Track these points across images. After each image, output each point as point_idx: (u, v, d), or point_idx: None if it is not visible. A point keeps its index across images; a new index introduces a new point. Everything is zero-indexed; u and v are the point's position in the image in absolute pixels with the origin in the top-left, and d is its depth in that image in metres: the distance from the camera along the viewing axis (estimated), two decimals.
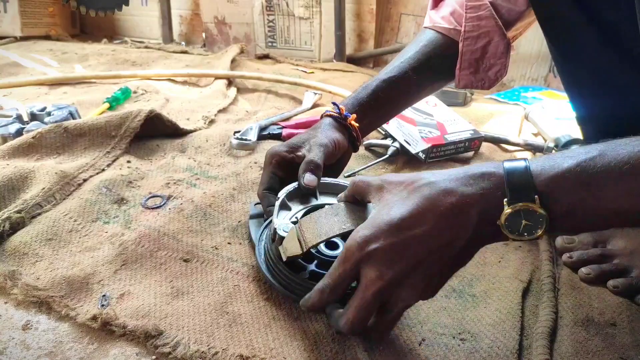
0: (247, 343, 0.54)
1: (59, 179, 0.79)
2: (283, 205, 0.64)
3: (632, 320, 0.61)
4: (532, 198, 0.41)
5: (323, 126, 0.74)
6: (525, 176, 0.42)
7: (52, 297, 0.58)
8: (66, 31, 2.29)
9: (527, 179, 0.42)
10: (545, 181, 0.41)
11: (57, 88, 1.42)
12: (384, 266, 0.45)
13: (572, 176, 0.41)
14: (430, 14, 0.85)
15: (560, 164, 0.41)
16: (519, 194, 0.41)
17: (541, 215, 0.41)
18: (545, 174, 0.42)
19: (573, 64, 0.72)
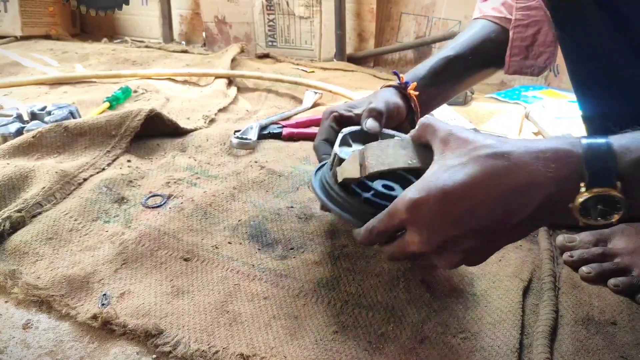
0: (248, 342, 0.54)
1: (59, 178, 0.79)
2: (344, 142, 0.61)
3: (632, 319, 0.61)
4: (613, 183, 0.37)
5: (383, 92, 0.74)
6: (607, 158, 0.37)
7: (52, 296, 0.58)
8: (66, 31, 2.29)
9: (610, 162, 0.37)
10: (630, 164, 0.37)
11: (57, 87, 1.42)
12: (427, 234, 0.44)
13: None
14: (480, 5, 0.88)
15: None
16: (598, 179, 0.37)
17: (621, 200, 0.37)
18: (630, 156, 0.37)
19: (584, 55, 0.72)
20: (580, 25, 0.70)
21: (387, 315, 0.58)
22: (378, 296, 0.61)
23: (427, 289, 0.63)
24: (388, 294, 0.62)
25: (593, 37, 0.69)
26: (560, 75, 1.77)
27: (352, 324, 0.57)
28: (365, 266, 0.66)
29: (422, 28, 2.01)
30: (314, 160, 0.98)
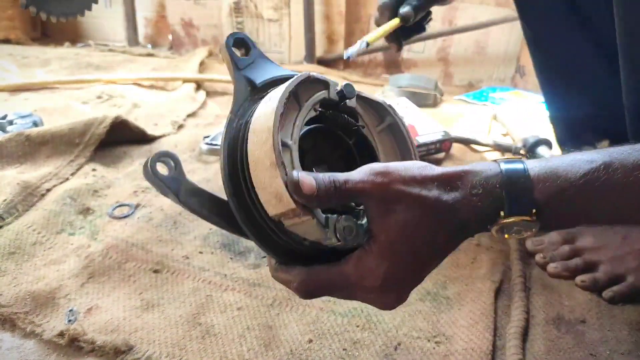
0: (221, 355, 0.53)
1: (21, 190, 0.77)
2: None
3: (600, 317, 0.62)
4: (529, 212, 0.40)
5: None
6: (524, 189, 0.40)
7: (16, 314, 0.56)
8: (27, 35, 2.21)
9: (527, 191, 0.40)
10: (545, 194, 0.39)
11: (17, 94, 1.38)
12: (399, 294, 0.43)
13: (573, 190, 0.39)
14: None
15: (562, 174, 0.39)
16: (516, 207, 0.40)
17: (535, 224, 0.40)
18: (545, 186, 0.39)
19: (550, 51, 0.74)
20: (546, 21, 0.71)
21: (362, 322, 0.58)
22: (352, 303, 0.61)
23: None
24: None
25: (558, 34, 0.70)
26: (526, 76, 1.81)
27: (327, 332, 0.56)
28: None
29: None
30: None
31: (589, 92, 0.74)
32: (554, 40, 0.73)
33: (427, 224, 0.41)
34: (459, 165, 0.43)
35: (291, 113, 0.44)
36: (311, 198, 0.39)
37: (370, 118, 0.49)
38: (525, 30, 0.77)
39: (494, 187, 0.40)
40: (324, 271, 0.43)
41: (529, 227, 0.41)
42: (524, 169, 0.40)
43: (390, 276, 0.41)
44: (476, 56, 1.90)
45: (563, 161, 0.40)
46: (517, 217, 0.40)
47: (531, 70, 1.78)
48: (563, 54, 0.73)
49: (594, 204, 0.40)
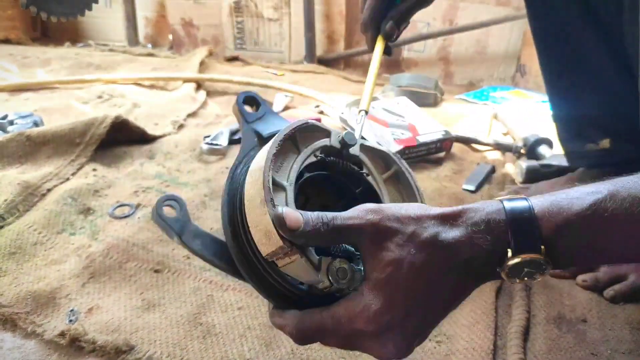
0: (222, 354, 0.53)
1: (21, 190, 0.77)
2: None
3: (601, 316, 0.62)
4: (538, 249, 0.38)
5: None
6: (530, 224, 0.38)
7: (17, 314, 0.56)
8: (27, 35, 2.22)
9: (533, 228, 0.38)
10: (552, 228, 0.38)
11: (18, 94, 1.38)
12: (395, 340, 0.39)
13: (582, 222, 0.37)
14: None
15: (567, 207, 0.38)
16: (524, 245, 0.38)
17: (546, 263, 0.38)
18: (552, 220, 0.38)
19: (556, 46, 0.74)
20: (553, 16, 0.71)
21: None
22: None
23: None
24: None
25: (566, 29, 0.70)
26: (527, 75, 1.81)
27: None
28: None
29: None
30: None
31: (594, 90, 0.74)
32: (560, 36, 0.73)
33: (424, 263, 0.38)
34: (459, 164, 0.42)
35: (289, 157, 0.44)
36: (298, 234, 0.38)
37: (375, 166, 0.49)
38: (532, 25, 0.77)
39: (498, 224, 0.38)
40: (316, 314, 0.41)
41: (540, 268, 0.38)
42: (528, 205, 0.39)
43: (384, 319, 0.38)
44: (477, 55, 1.90)
45: (567, 194, 0.39)
46: (525, 255, 0.38)
47: (532, 69, 1.78)
48: (569, 50, 0.73)
49: (605, 235, 0.38)
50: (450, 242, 0.38)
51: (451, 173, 1.02)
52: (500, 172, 1.04)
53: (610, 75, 0.70)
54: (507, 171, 1.04)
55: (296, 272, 0.40)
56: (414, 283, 0.38)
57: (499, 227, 0.38)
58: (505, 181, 0.99)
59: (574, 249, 0.38)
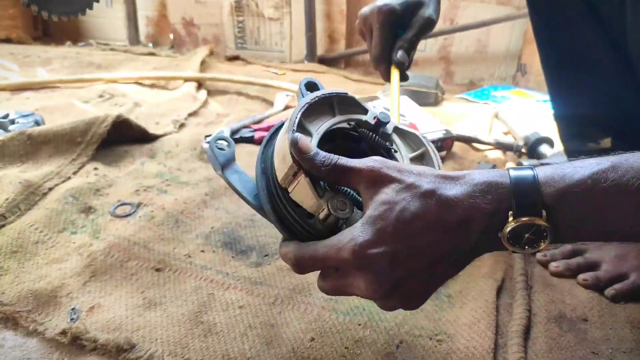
0: (223, 353, 0.53)
1: (23, 189, 0.77)
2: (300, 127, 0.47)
3: (602, 315, 0.62)
4: (539, 212, 0.38)
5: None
6: (532, 188, 0.39)
7: (18, 312, 0.56)
8: (28, 34, 2.22)
9: (535, 192, 0.39)
10: (554, 194, 0.38)
11: (19, 93, 1.38)
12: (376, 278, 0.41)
13: (583, 189, 0.38)
14: None
15: (570, 175, 0.38)
16: (525, 208, 0.38)
17: (546, 229, 0.39)
18: (554, 186, 0.38)
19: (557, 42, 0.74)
20: (554, 14, 0.71)
21: (364, 320, 0.58)
22: (354, 301, 0.61)
23: None
24: (364, 299, 0.61)
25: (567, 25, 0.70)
26: (527, 75, 1.81)
27: (329, 330, 0.56)
28: None
29: None
30: None
31: (595, 89, 0.74)
32: (562, 34, 0.73)
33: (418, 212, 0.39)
34: (460, 163, 0.42)
35: (324, 117, 0.49)
36: (306, 157, 0.42)
37: (404, 146, 0.52)
38: (534, 23, 0.77)
39: (500, 186, 0.39)
40: (312, 244, 0.44)
41: (541, 235, 0.39)
42: (532, 174, 0.39)
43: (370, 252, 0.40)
44: (477, 55, 1.90)
45: (572, 164, 0.39)
46: (526, 218, 0.38)
47: (533, 68, 1.78)
48: (571, 48, 0.73)
49: (604, 206, 0.38)
50: (448, 197, 0.39)
51: None
52: None
53: (612, 74, 0.70)
54: None
55: (301, 196, 0.44)
56: (405, 228, 0.40)
57: (501, 188, 0.39)
58: None
59: (574, 217, 0.39)
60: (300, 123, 0.45)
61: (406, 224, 0.40)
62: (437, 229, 0.40)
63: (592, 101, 0.75)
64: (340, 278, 0.44)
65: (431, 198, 0.40)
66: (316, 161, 0.42)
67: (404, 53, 0.72)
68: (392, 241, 0.40)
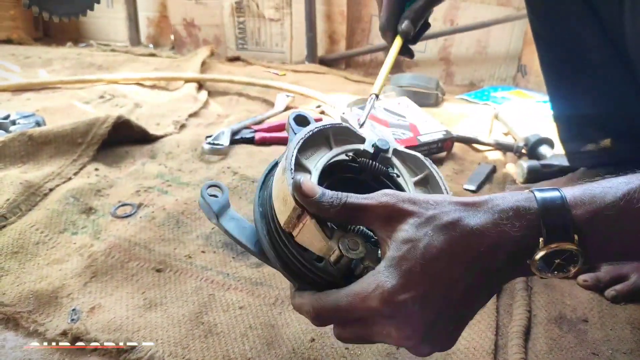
0: (224, 353, 0.53)
1: (24, 189, 0.77)
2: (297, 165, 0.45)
3: (602, 315, 0.62)
4: (570, 238, 0.36)
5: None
6: (562, 213, 0.36)
7: (19, 313, 0.56)
8: (29, 35, 2.22)
9: (565, 216, 0.36)
10: (585, 217, 0.36)
11: (20, 94, 1.38)
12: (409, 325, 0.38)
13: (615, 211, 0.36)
14: None
15: (600, 196, 0.36)
16: (556, 235, 0.36)
17: (577, 253, 0.36)
18: (585, 209, 0.36)
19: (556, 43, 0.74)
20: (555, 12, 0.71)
21: None
22: None
23: None
24: None
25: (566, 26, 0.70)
26: (527, 75, 1.81)
27: (329, 331, 0.56)
28: None
29: None
30: None
31: (595, 89, 0.74)
32: (561, 35, 0.73)
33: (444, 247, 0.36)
34: (460, 164, 0.41)
35: (321, 150, 0.46)
36: (313, 202, 0.39)
37: (406, 170, 0.50)
38: (533, 24, 0.77)
39: (528, 211, 0.37)
40: (332, 293, 0.40)
41: (572, 260, 0.37)
42: (560, 194, 0.37)
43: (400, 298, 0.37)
44: (477, 55, 1.90)
45: (600, 184, 0.37)
46: (557, 244, 0.36)
47: (532, 69, 1.78)
48: (570, 49, 0.73)
49: (636, 226, 0.36)
50: (474, 228, 0.37)
51: (452, 173, 1.02)
52: (501, 172, 1.04)
53: (611, 75, 0.70)
54: (508, 171, 1.04)
55: (308, 239, 0.41)
56: (432, 265, 0.37)
57: (529, 214, 0.37)
58: (506, 181, 0.99)
59: (607, 239, 0.37)
60: (297, 161, 0.42)
61: (433, 261, 0.37)
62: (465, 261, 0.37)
63: (592, 102, 0.76)
64: (365, 327, 0.40)
65: (455, 230, 0.37)
66: (323, 203, 0.39)
67: (410, 23, 0.70)
68: (422, 282, 0.37)
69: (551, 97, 0.81)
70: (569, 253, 0.36)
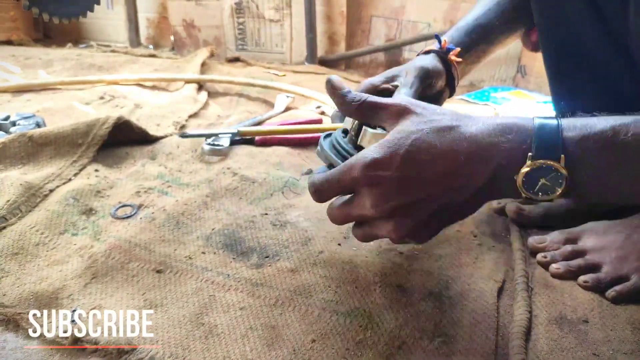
0: (224, 354, 0.53)
1: (24, 191, 0.77)
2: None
3: (603, 316, 0.62)
4: (557, 156, 0.38)
5: (422, 58, 0.73)
6: (554, 132, 0.38)
7: (19, 314, 0.56)
8: (29, 36, 2.22)
9: (556, 135, 0.38)
10: (574, 140, 0.38)
11: (20, 95, 1.38)
12: (380, 197, 0.42)
13: (603, 139, 0.37)
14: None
15: (592, 124, 0.38)
16: (544, 151, 0.38)
17: (562, 175, 0.38)
18: (576, 132, 0.38)
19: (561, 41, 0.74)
20: (559, 11, 0.71)
21: (365, 321, 0.58)
22: (355, 302, 0.61)
23: (403, 294, 0.63)
24: (365, 300, 0.61)
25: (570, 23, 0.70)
26: (527, 76, 1.81)
27: (330, 332, 0.56)
28: (341, 272, 0.66)
29: (392, 31, 2.03)
30: (287, 166, 0.97)
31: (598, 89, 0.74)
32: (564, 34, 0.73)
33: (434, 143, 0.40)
34: None
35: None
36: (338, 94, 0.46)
37: None
38: (537, 16, 0.77)
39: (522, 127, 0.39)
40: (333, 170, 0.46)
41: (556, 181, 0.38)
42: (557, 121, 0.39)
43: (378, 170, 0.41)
44: None
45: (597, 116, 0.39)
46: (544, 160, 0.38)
47: (533, 70, 1.78)
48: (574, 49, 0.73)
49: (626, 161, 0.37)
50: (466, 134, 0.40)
51: None
52: None
53: (615, 74, 0.70)
54: None
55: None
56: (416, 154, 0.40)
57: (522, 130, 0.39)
58: None
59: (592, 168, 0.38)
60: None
61: (418, 152, 0.40)
62: (450, 161, 0.40)
63: (595, 101, 0.75)
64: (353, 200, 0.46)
65: (449, 132, 0.40)
66: (347, 98, 0.45)
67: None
68: (402, 165, 0.40)
69: (553, 96, 0.81)
70: (554, 173, 0.38)
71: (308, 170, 0.83)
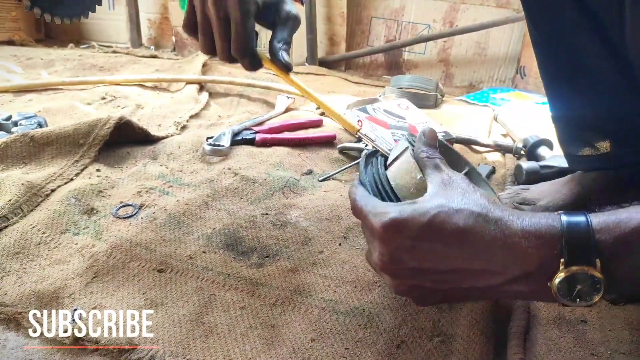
0: (224, 353, 0.53)
1: (25, 190, 0.77)
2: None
3: (601, 316, 0.62)
4: (592, 262, 0.36)
5: None
6: (586, 235, 0.36)
7: (20, 313, 0.57)
8: (30, 36, 2.23)
9: (588, 239, 0.36)
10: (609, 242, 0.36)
11: (22, 95, 1.38)
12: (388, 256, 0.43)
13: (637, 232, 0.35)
14: None
15: (625, 222, 0.36)
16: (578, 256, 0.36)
17: (599, 280, 0.36)
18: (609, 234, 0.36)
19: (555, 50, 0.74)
20: (553, 21, 0.72)
21: (364, 320, 0.58)
22: (354, 302, 0.61)
23: None
24: (364, 300, 0.62)
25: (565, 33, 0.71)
26: (527, 77, 1.81)
27: (329, 331, 0.57)
28: (341, 272, 0.66)
29: (392, 32, 2.03)
30: (287, 166, 0.98)
31: (593, 92, 0.74)
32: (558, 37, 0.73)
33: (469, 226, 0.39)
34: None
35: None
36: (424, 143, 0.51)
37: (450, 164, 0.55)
38: (530, 28, 0.77)
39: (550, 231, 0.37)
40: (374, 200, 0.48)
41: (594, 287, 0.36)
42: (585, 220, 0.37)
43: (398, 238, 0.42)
44: (477, 57, 1.91)
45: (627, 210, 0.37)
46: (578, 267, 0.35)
47: (532, 70, 1.79)
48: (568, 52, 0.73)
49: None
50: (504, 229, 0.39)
51: None
52: (500, 173, 1.04)
53: (610, 78, 0.70)
54: (507, 172, 1.04)
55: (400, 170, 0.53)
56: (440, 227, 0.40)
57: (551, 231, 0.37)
58: (505, 182, 1.00)
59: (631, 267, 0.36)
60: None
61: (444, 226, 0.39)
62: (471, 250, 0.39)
63: (590, 105, 0.76)
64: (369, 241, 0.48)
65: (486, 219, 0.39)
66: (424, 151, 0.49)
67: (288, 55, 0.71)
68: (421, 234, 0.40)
69: (549, 99, 0.82)
70: (591, 280, 0.36)
71: (308, 171, 0.83)
